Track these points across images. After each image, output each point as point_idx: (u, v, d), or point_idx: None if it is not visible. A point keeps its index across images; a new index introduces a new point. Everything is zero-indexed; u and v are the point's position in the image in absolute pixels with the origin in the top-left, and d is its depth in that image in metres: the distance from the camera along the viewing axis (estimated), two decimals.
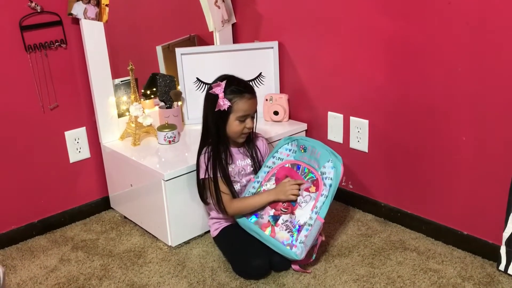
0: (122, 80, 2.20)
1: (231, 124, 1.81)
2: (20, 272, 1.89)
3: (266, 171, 1.89)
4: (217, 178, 1.82)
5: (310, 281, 1.76)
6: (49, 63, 2.03)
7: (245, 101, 1.79)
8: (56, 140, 2.13)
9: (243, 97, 1.78)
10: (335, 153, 1.82)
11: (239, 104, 1.78)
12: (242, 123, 1.81)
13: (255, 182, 1.88)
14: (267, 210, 1.81)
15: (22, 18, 1.92)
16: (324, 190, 1.78)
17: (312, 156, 1.85)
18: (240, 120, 1.80)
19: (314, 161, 1.84)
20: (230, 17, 2.43)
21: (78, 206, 2.24)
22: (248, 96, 1.79)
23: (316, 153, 1.83)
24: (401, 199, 2.06)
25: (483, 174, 1.77)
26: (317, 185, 1.79)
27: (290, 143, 1.91)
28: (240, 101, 1.78)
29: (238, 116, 1.79)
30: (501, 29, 1.60)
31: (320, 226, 1.76)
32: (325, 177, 1.79)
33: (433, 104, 1.83)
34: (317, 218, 1.75)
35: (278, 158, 1.90)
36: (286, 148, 1.91)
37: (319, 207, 1.76)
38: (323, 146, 1.84)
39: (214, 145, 1.84)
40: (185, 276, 1.83)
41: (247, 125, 1.82)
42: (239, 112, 1.79)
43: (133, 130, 2.16)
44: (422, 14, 1.77)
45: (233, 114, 1.79)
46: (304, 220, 1.76)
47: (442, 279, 1.73)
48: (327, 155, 1.81)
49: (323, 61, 2.16)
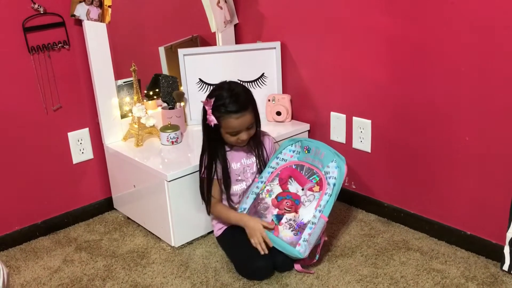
0: (125, 81, 2.20)
1: (224, 135, 1.84)
2: (24, 273, 1.90)
3: (270, 172, 1.90)
4: (210, 179, 1.87)
5: (313, 281, 1.76)
6: (52, 64, 2.04)
7: (232, 120, 1.78)
8: (59, 141, 2.13)
9: (230, 117, 1.78)
10: (338, 154, 1.84)
11: (227, 123, 1.79)
12: (234, 136, 1.83)
13: (259, 182, 1.90)
14: (271, 209, 1.81)
15: (25, 20, 1.93)
16: (328, 189, 1.79)
17: (316, 157, 1.86)
18: (232, 134, 1.82)
19: (318, 162, 1.85)
20: (233, 18, 2.43)
21: (81, 207, 2.25)
22: (235, 116, 1.78)
23: (320, 153, 1.85)
24: (404, 199, 2.05)
25: (487, 174, 1.76)
26: (321, 184, 1.80)
27: (294, 144, 1.92)
28: (228, 120, 1.79)
29: (227, 132, 1.82)
30: (504, 28, 1.59)
31: (323, 224, 1.76)
32: (329, 176, 1.80)
33: (436, 104, 1.83)
34: (320, 216, 1.76)
35: (282, 159, 1.91)
36: (289, 149, 1.92)
37: (323, 205, 1.77)
38: (326, 147, 1.86)
39: (212, 147, 1.87)
40: (188, 276, 1.83)
41: (240, 137, 1.83)
42: (228, 128, 1.81)
43: (136, 131, 2.16)
44: (424, 13, 1.77)
45: (223, 129, 1.82)
46: (308, 218, 1.77)
47: (446, 279, 1.73)
48: (331, 156, 1.83)
49: (326, 61, 2.15)
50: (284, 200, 1.82)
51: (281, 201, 1.82)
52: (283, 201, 1.82)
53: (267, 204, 1.83)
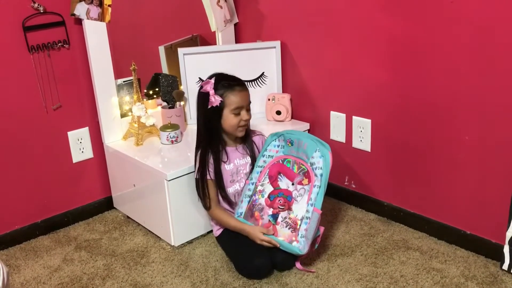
0: (125, 80, 2.20)
1: (226, 118, 1.82)
2: (23, 272, 1.90)
3: (259, 171, 1.88)
4: (205, 179, 1.86)
5: (313, 280, 1.76)
6: (52, 63, 2.04)
7: (236, 93, 1.80)
8: (59, 141, 2.13)
9: (233, 90, 1.80)
10: (322, 142, 1.81)
11: (231, 98, 1.80)
12: (237, 116, 1.82)
13: (250, 184, 1.87)
14: (266, 210, 1.81)
15: (25, 19, 1.93)
16: (316, 181, 1.78)
17: (299, 149, 1.84)
18: (235, 113, 1.81)
19: (302, 153, 1.83)
20: (233, 17, 2.43)
21: (81, 206, 2.25)
22: (238, 89, 1.81)
23: (303, 144, 1.83)
24: (404, 199, 2.05)
25: (486, 173, 1.77)
26: (309, 176, 1.80)
27: (277, 138, 1.89)
28: (231, 94, 1.79)
29: (232, 109, 1.80)
30: (504, 28, 1.59)
31: (318, 217, 1.76)
32: (315, 167, 1.79)
33: (435, 103, 1.83)
34: (313, 210, 1.75)
35: (268, 156, 1.89)
36: (274, 145, 1.90)
37: (314, 198, 1.76)
38: (308, 136, 1.85)
39: (205, 146, 1.85)
40: (188, 275, 1.83)
41: (243, 117, 1.83)
42: (232, 105, 1.80)
43: (135, 130, 2.16)
44: (424, 13, 1.77)
45: (227, 108, 1.80)
46: (302, 214, 1.77)
47: (445, 278, 1.73)
48: (313, 145, 1.81)
49: (326, 60, 2.16)
50: (277, 198, 1.81)
51: (274, 199, 1.81)
52: (275, 199, 1.81)
53: (261, 205, 1.82)
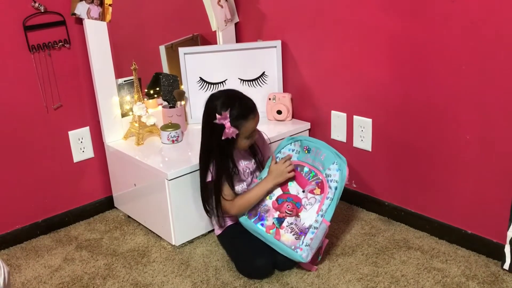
0: (126, 79, 2.20)
1: (239, 143, 1.80)
2: (24, 271, 1.90)
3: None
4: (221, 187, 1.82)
5: (314, 280, 1.76)
6: (52, 63, 2.04)
7: (250, 122, 1.78)
8: (59, 140, 2.13)
9: (248, 120, 1.77)
10: (339, 154, 1.80)
11: (246, 126, 1.77)
12: (249, 138, 1.82)
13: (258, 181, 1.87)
14: (272, 212, 1.80)
15: (25, 18, 1.93)
16: (330, 193, 1.77)
17: (316, 158, 1.83)
18: (248, 137, 1.81)
19: (319, 163, 1.82)
20: (233, 16, 2.43)
21: (82, 205, 2.25)
22: (252, 117, 1.78)
23: (321, 154, 1.82)
24: (405, 198, 2.05)
25: (487, 172, 1.76)
26: (322, 187, 1.78)
27: (293, 143, 1.89)
28: (246, 123, 1.77)
29: (246, 136, 1.80)
30: (505, 28, 1.59)
31: (326, 229, 1.75)
32: (330, 179, 1.78)
33: (436, 102, 1.83)
34: (322, 221, 1.74)
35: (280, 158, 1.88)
36: (289, 148, 1.89)
37: (325, 210, 1.75)
38: (327, 147, 1.83)
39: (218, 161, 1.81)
40: (189, 275, 1.83)
41: (253, 137, 1.84)
42: (247, 132, 1.79)
43: (136, 129, 2.16)
44: (425, 12, 1.77)
45: (241, 136, 1.78)
46: (310, 222, 1.76)
47: (446, 278, 1.73)
48: (332, 157, 1.80)
49: (326, 60, 2.15)
50: (285, 203, 1.80)
51: (282, 203, 1.80)
52: (283, 203, 1.80)
53: (268, 207, 1.82)
